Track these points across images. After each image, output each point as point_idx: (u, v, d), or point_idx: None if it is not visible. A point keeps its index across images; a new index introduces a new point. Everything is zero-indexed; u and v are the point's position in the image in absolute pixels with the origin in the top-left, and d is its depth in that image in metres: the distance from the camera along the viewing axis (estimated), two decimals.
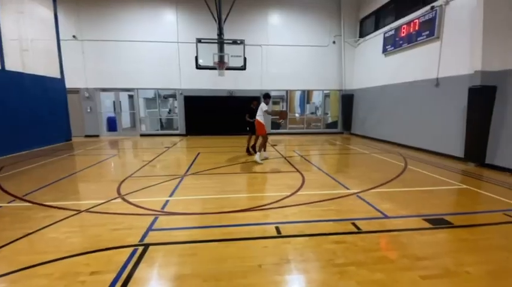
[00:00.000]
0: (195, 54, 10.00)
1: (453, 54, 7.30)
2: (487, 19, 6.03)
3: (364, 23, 12.53)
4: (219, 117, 13.26)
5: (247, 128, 8.16)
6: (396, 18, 9.99)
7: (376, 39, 11.22)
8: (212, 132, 13.25)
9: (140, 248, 2.67)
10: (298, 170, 5.99)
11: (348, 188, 4.67)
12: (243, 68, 10.27)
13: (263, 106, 7.02)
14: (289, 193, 4.36)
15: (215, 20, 10.38)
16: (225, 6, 10.41)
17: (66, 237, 2.95)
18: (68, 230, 3.11)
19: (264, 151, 7.31)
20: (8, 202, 4.09)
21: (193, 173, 5.83)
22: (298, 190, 4.57)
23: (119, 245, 2.73)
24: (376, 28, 11.36)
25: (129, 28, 12.35)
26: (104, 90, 12.95)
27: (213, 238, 2.90)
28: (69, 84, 11.40)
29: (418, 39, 8.51)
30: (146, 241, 2.84)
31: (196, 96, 12.91)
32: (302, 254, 2.58)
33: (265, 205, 3.85)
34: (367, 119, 12.02)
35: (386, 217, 3.49)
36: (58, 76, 10.75)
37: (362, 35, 12.59)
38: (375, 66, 11.36)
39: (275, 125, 14.19)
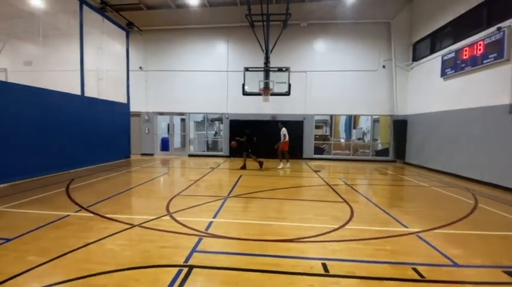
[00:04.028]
0: (242, 82, 10.58)
1: None
2: None
3: (417, 47, 11.90)
4: (261, 141, 13.43)
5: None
6: (455, 41, 9.28)
7: (432, 62, 10.49)
8: (254, 155, 13.40)
9: (185, 269, 2.70)
10: (345, 201, 5.59)
11: (405, 226, 4.16)
12: (287, 93, 10.46)
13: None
14: (336, 226, 4.05)
15: (262, 50, 10.97)
16: (272, 36, 11.00)
17: (121, 250, 3.15)
18: (122, 243, 3.33)
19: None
20: (75, 211, 4.59)
21: (235, 196, 5.88)
22: (347, 223, 4.22)
23: (166, 264, 2.81)
24: (432, 51, 10.67)
25: (185, 59, 13.76)
26: (161, 114, 14.37)
27: (255, 268, 2.79)
28: (132, 108, 12.94)
29: (484, 61, 7.69)
30: (191, 262, 2.87)
31: (241, 120, 13.42)
32: None
33: (309, 237, 3.62)
34: (424, 148, 10.93)
35: (455, 264, 2.98)
36: (125, 101, 12.31)
37: (415, 58, 11.92)
38: (432, 90, 10.50)
39: (318, 150, 13.81)
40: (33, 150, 7.34)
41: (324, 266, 2.85)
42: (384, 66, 12.72)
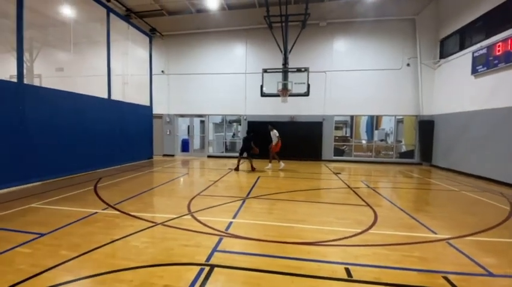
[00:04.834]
0: (261, 83, 10.60)
1: None
2: None
3: (445, 43, 11.30)
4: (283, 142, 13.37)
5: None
6: (487, 36, 8.72)
7: (461, 59, 9.92)
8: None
9: (206, 268, 2.74)
10: (368, 204, 5.41)
11: (434, 232, 3.95)
12: (306, 94, 10.33)
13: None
14: (359, 230, 3.92)
15: (281, 51, 10.94)
16: (290, 37, 10.93)
17: (145, 247, 3.25)
18: (146, 241, 3.43)
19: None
20: (102, 209, 4.81)
21: (254, 197, 5.88)
22: (370, 227, 4.07)
23: (188, 262, 2.86)
24: (462, 47, 10.09)
25: (205, 63, 14.04)
26: (182, 116, 14.75)
27: (277, 270, 2.76)
28: (155, 110, 13.39)
29: None
30: (212, 261, 2.90)
31: (259, 121, 13.43)
32: None
33: (331, 241, 3.54)
34: (453, 150, 10.33)
35: (490, 274, 2.78)
36: (148, 104, 12.77)
37: (443, 55, 11.33)
38: (462, 89, 9.92)
39: (338, 151, 13.50)
40: (64, 150, 7.81)
41: (347, 271, 2.77)
42: (408, 65, 12.21)
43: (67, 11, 9.27)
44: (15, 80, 6.51)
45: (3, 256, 2.99)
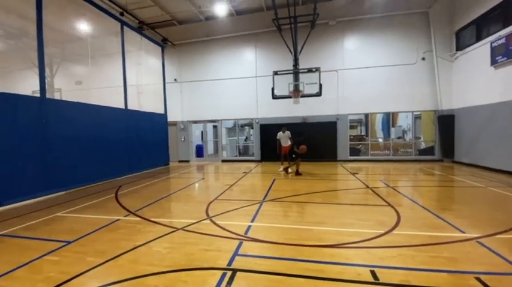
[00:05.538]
0: (272, 86, 10.59)
1: None
2: None
3: (461, 35, 10.89)
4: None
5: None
6: (505, 25, 8.36)
7: (479, 50, 9.52)
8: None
9: (229, 273, 2.74)
10: (389, 204, 5.25)
11: (462, 231, 3.77)
12: (319, 94, 10.21)
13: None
14: (382, 231, 3.80)
15: (291, 52, 10.90)
16: (300, 38, 10.89)
17: (167, 252, 3.30)
18: (168, 246, 3.48)
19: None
20: (124, 216, 4.93)
21: (271, 200, 5.85)
22: (394, 228, 3.94)
23: (211, 267, 2.88)
24: (479, 38, 9.69)
25: (216, 69, 14.22)
26: (195, 122, 14.98)
27: (299, 273, 2.72)
28: (169, 118, 13.68)
29: None
30: (234, 265, 2.90)
31: (271, 124, 13.41)
32: None
33: (354, 243, 3.45)
34: (477, 144, 9.88)
35: None
36: (162, 112, 13.07)
37: (459, 47, 10.91)
38: (482, 81, 9.50)
39: (354, 151, 13.24)
40: (85, 160, 8.09)
41: (373, 273, 2.68)
42: (423, 59, 11.83)
43: (84, 27, 9.70)
44: (37, 95, 6.85)
45: (33, 264, 3.11)
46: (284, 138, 9.99)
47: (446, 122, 11.41)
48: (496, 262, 2.88)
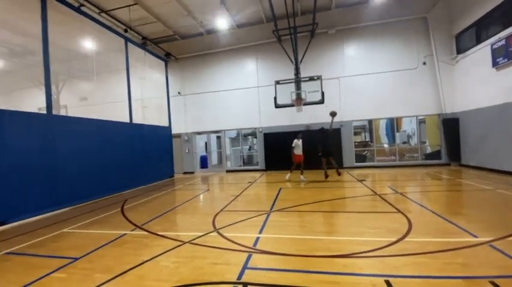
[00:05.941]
0: (274, 95, 10.67)
1: None
2: None
3: (460, 38, 10.96)
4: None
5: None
6: (505, 26, 8.41)
7: (480, 53, 9.54)
8: (290, 167, 13.23)
9: None
10: (399, 211, 5.15)
11: (474, 235, 3.67)
12: (321, 102, 10.25)
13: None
14: (394, 239, 3.71)
15: (292, 62, 11.02)
16: (300, 47, 11.02)
17: (175, 267, 3.24)
18: (176, 260, 3.43)
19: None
20: (131, 230, 4.90)
21: (278, 210, 5.78)
22: (406, 235, 3.84)
23: (220, 281, 2.81)
24: (479, 41, 9.73)
25: (218, 80, 14.43)
26: (199, 133, 15.08)
27: (313, 285, 2.65)
28: (173, 130, 13.80)
29: None
30: (244, 279, 2.84)
31: (275, 132, 13.41)
32: None
33: (366, 252, 3.36)
34: (483, 147, 9.75)
35: None
36: (166, 125, 13.18)
37: (460, 51, 10.96)
38: (485, 83, 9.47)
39: (360, 157, 13.13)
40: (91, 175, 8.12)
41: (388, 283, 2.60)
42: (424, 63, 11.88)
43: (89, 44, 9.94)
44: (44, 111, 6.96)
45: (41, 282, 3.07)
46: (298, 147, 9.99)
47: (450, 126, 11.32)
48: (509, 265, 2.82)
